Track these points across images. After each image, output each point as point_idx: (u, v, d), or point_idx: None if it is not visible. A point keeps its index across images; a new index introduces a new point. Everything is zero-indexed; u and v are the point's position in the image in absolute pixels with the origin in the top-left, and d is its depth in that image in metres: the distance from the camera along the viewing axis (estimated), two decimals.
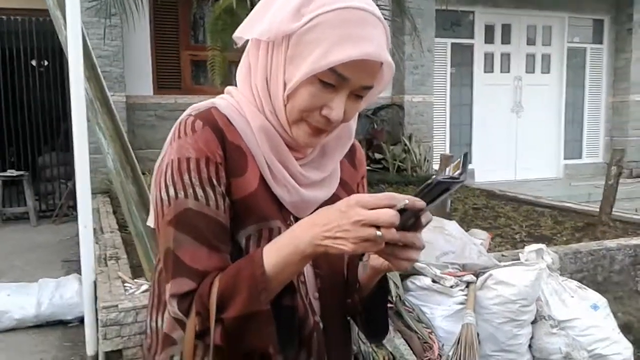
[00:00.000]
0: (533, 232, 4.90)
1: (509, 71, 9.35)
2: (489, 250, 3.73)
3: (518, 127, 9.38)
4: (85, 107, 3.41)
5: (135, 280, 3.32)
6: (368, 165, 7.49)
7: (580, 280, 3.81)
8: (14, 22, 7.04)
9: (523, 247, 3.81)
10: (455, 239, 3.28)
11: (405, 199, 0.85)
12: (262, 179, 1.02)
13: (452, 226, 3.42)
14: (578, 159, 9.87)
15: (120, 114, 6.28)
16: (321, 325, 1.07)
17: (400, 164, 7.52)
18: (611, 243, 4.09)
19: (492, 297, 3.07)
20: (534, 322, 3.25)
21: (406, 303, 2.99)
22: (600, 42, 9.88)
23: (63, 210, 7.26)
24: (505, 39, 9.28)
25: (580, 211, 5.62)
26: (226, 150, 0.99)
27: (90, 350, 3.34)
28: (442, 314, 3.05)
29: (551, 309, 3.34)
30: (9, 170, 7.33)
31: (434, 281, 3.07)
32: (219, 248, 0.97)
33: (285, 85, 0.97)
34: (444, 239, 3.28)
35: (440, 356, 2.76)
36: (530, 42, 9.48)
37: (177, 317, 0.98)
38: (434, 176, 0.89)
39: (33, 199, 7.31)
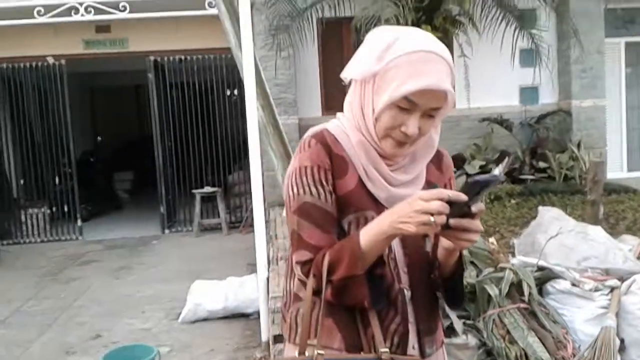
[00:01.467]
0: None
1: None
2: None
3: None
4: (258, 132, 4.07)
5: None
6: (532, 174, 7.42)
7: None
8: (207, 59, 8.27)
9: None
10: (599, 244, 3.30)
11: (450, 193, 1.19)
12: (360, 180, 1.38)
13: (597, 231, 3.43)
14: None
15: (294, 134, 7.06)
16: (406, 291, 1.41)
17: (567, 172, 7.27)
18: None
19: (637, 302, 3.06)
20: None
21: (543, 304, 3.11)
22: None
23: (249, 221, 8.24)
24: None
25: None
26: (332, 159, 1.38)
27: (264, 337, 3.95)
28: (583, 317, 3.11)
29: None
30: (205, 187, 8.54)
31: (573, 285, 3.14)
32: (328, 230, 1.36)
33: (374, 110, 1.34)
34: (587, 244, 3.32)
35: (574, 355, 2.85)
36: None
37: (301, 278, 1.38)
38: (476, 177, 1.18)
39: (225, 212, 8.43)
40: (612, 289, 3.17)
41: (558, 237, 3.34)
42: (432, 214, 1.17)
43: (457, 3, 6.24)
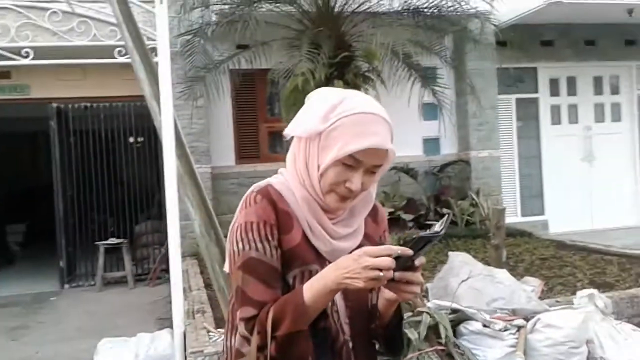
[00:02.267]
0: (596, 279, 4.98)
1: (577, 122, 9.42)
2: (542, 296, 3.92)
3: (592, 176, 9.33)
4: (176, 181, 4.02)
5: (219, 329, 3.78)
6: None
7: (638, 325, 3.89)
8: (114, 107, 8.07)
9: None
10: (505, 286, 3.52)
11: (398, 250, 1.24)
12: (304, 234, 1.42)
13: (502, 274, 3.67)
14: None
15: (206, 183, 7.00)
16: (350, 343, 1.45)
17: (468, 217, 7.72)
18: None
19: (542, 339, 3.28)
20: None
21: (458, 345, 3.25)
22: None
23: (156, 273, 7.96)
24: (571, 91, 9.41)
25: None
26: (278, 215, 1.41)
27: None
28: (494, 356, 3.28)
29: (605, 351, 3.48)
30: (110, 239, 8.17)
31: (485, 325, 3.32)
32: (273, 285, 1.38)
33: (319, 167, 1.40)
34: (494, 287, 3.53)
35: None
36: (598, 91, 9.54)
37: (244, 335, 1.38)
38: (420, 232, 1.27)
39: (131, 264, 8.08)
40: (519, 328, 3.38)
41: (468, 281, 3.53)
42: (380, 270, 1.22)
43: (367, 60, 6.59)
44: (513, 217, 8.85)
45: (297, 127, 1.42)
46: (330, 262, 1.39)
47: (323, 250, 1.43)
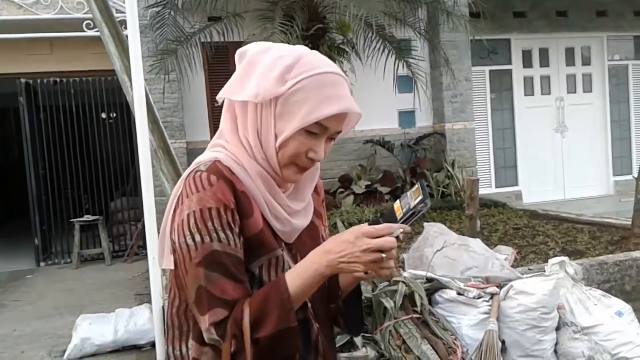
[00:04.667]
0: (568, 247, 5.11)
1: (549, 93, 9.53)
2: (515, 264, 4.01)
3: (563, 146, 9.50)
4: (150, 156, 3.98)
5: None
6: None
7: (607, 290, 4.02)
8: (85, 82, 7.90)
9: None
10: (479, 255, 3.60)
11: (400, 228, 1.14)
12: (263, 217, 1.24)
13: (476, 244, 3.74)
14: (628, 175, 9.81)
15: (182, 158, 6.94)
16: (319, 330, 1.31)
17: (444, 189, 7.82)
18: (638, 254, 4.27)
19: (514, 306, 3.36)
20: (558, 329, 3.51)
21: (433, 313, 3.32)
22: None
23: (134, 249, 7.93)
24: (544, 62, 9.49)
25: (618, 226, 5.75)
26: (237, 197, 1.20)
27: None
28: (468, 323, 3.37)
29: (575, 316, 3.59)
30: (85, 216, 8.08)
31: (459, 293, 3.39)
32: (241, 280, 1.18)
33: (276, 137, 1.21)
34: (468, 256, 3.61)
35: (463, 359, 3.07)
36: (570, 63, 9.64)
37: (213, 342, 1.17)
38: (405, 204, 1.19)
39: (107, 241, 8.02)
40: (492, 295, 3.47)
41: (443, 250, 3.59)
42: (382, 252, 1.12)
43: (341, 32, 6.55)
44: (487, 189, 9.00)
45: (242, 91, 1.21)
46: (285, 244, 1.28)
47: (281, 231, 1.27)
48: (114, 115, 8.30)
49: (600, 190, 9.68)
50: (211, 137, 6.21)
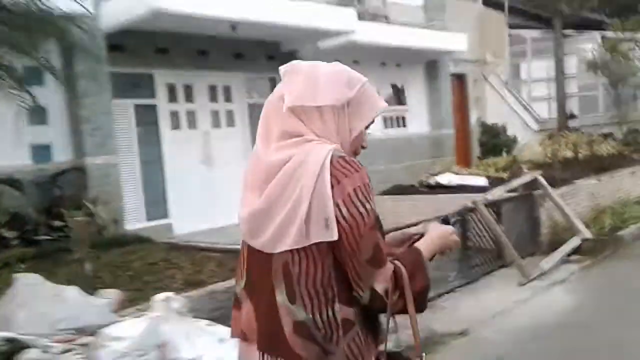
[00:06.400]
0: (192, 278, 5.27)
1: (196, 127, 9.93)
2: (123, 307, 3.91)
3: (211, 177, 9.96)
4: None
5: None
6: (49, 234, 7.21)
7: (218, 318, 4.21)
8: None
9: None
10: (71, 305, 3.37)
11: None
12: None
13: (71, 292, 3.52)
14: None
15: None
16: None
17: (64, 230, 7.30)
18: None
19: (108, 353, 3.23)
20: None
21: None
22: None
23: None
24: (189, 98, 9.87)
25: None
26: None
27: None
28: None
29: (179, 351, 3.64)
30: None
31: (44, 352, 3.10)
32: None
33: (350, 131, 1.58)
34: (61, 306, 3.35)
35: None
36: (214, 99, 10.24)
37: (384, 290, 1.50)
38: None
39: None
40: (88, 345, 3.27)
41: (31, 305, 3.26)
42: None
43: None
44: (139, 223, 8.86)
45: (322, 96, 1.54)
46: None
47: None
48: None
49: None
50: None
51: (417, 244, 1.65)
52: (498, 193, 7.79)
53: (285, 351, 1.49)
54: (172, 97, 9.63)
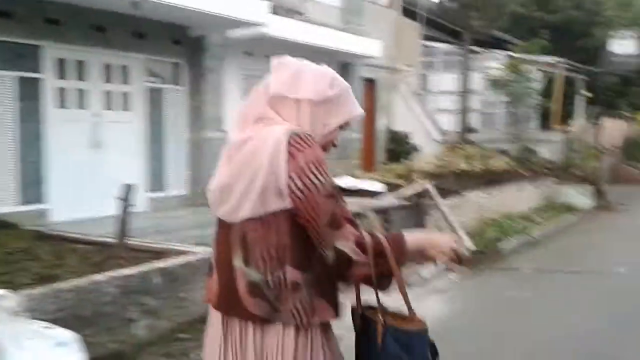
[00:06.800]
0: (48, 272, 4.84)
1: (86, 107, 9.32)
2: None
3: (99, 162, 9.37)
4: None
5: None
6: None
7: (62, 319, 3.87)
8: None
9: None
10: None
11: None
12: None
13: None
14: (161, 192, 10.44)
15: None
16: None
17: None
18: (99, 276, 4.30)
19: None
20: None
21: None
22: (178, 84, 10.71)
23: None
24: (81, 75, 9.23)
25: (110, 244, 5.80)
26: None
27: None
28: None
29: (6, 356, 3.28)
30: None
31: None
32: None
33: (323, 126, 1.76)
34: None
35: None
36: (108, 79, 9.64)
37: (348, 250, 1.67)
38: None
39: None
40: None
41: None
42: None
43: None
44: (12, 207, 8.18)
45: (304, 90, 1.73)
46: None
47: None
48: None
49: (136, 207, 9.92)
50: None
51: (407, 234, 1.81)
52: (389, 200, 7.85)
53: (240, 310, 1.68)
54: (61, 73, 8.96)
